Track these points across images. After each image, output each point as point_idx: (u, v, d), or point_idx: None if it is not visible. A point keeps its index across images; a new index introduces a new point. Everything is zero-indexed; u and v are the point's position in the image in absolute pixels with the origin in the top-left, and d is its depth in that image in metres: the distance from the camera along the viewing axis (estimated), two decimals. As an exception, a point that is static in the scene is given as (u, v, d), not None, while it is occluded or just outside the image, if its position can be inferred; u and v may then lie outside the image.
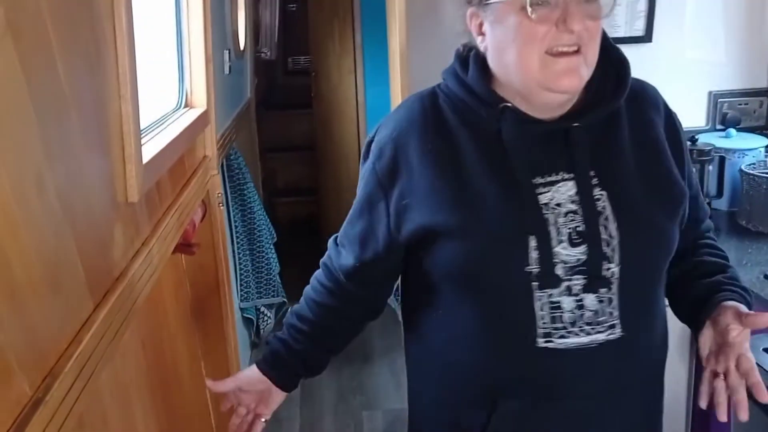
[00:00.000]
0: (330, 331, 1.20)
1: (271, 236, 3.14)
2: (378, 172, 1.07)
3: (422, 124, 1.06)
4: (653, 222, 1.03)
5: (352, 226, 1.13)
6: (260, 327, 3.04)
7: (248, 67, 3.64)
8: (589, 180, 1.01)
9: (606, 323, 1.01)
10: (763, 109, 2.27)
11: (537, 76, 0.96)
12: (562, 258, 0.99)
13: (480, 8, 1.00)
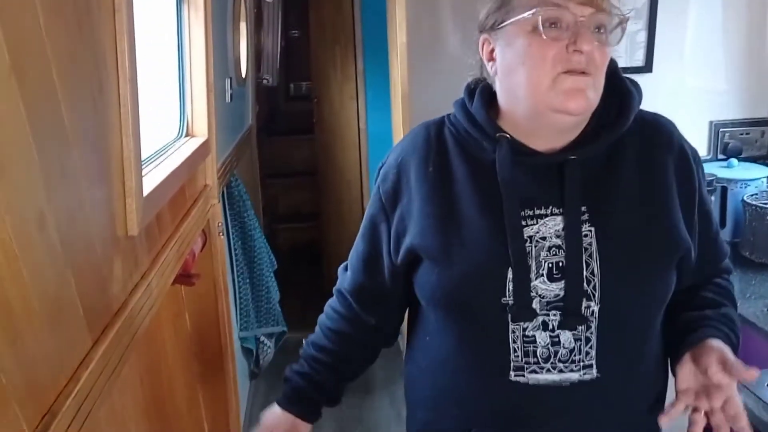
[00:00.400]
0: (347, 359, 1.20)
1: (272, 264, 3.12)
2: (382, 195, 1.11)
3: (424, 150, 1.08)
4: (640, 265, 1.00)
5: (356, 249, 1.17)
6: (260, 357, 3.00)
7: (250, 94, 3.66)
8: (578, 215, 1.00)
9: (581, 362, 0.99)
10: (764, 138, 2.27)
11: (545, 96, 0.95)
12: (540, 292, 0.98)
13: (492, 33, 1.02)
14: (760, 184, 2.02)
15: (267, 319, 2.99)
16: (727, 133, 2.25)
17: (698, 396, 0.96)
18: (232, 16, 2.82)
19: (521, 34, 0.97)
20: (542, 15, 0.94)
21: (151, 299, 1.17)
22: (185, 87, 1.71)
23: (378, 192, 1.12)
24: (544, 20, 0.94)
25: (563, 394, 1.00)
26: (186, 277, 1.54)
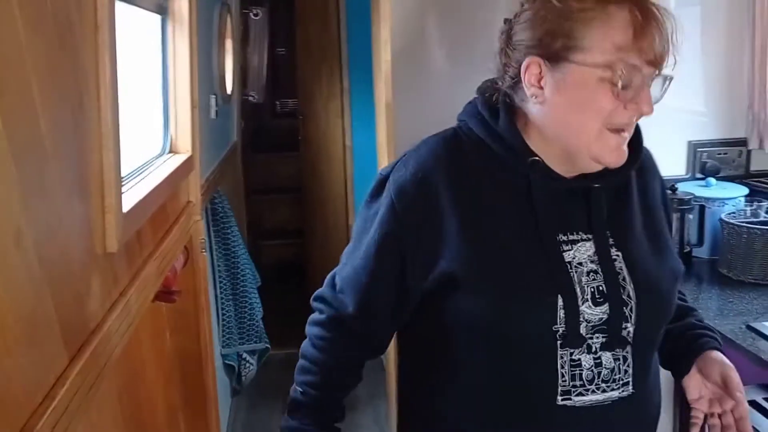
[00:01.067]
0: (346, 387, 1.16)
1: (255, 280, 3.11)
2: (400, 212, 1.04)
3: (449, 167, 1.04)
4: (661, 286, 1.06)
5: (356, 269, 1.08)
6: (242, 374, 2.98)
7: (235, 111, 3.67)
8: (606, 240, 1.03)
9: (621, 381, 1.02)
10: (742, 158, 2.31)
11: (591, 146, 0.98)
12: (586, 317, 1.00)
13: (549, 62, 0.97)
14: (737, 203, 2.05)
15: (250, 336, 2.98)
16: (705, 153, 2.28)
17: (711, 403, 1.08)
18: (218, 33, 2.84)
19: (589, 80, 0.95)
20: (623, 76, 0.93)
21: (130, 316, 1.16)
22: (169, 103, 1.71)
23: (393, 208, 1.04)
24: (622, 80, 0.93)
25: (605, 412, 1.02)
26: (167, 294, 1.52)
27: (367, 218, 1.08)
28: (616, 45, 0.94)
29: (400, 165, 1.07)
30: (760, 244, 1.86)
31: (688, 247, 2.06)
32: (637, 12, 0.94)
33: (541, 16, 0.98)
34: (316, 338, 1.13)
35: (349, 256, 1.11)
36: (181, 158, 1.68)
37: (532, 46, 0.99)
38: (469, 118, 1.07)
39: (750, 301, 1.75)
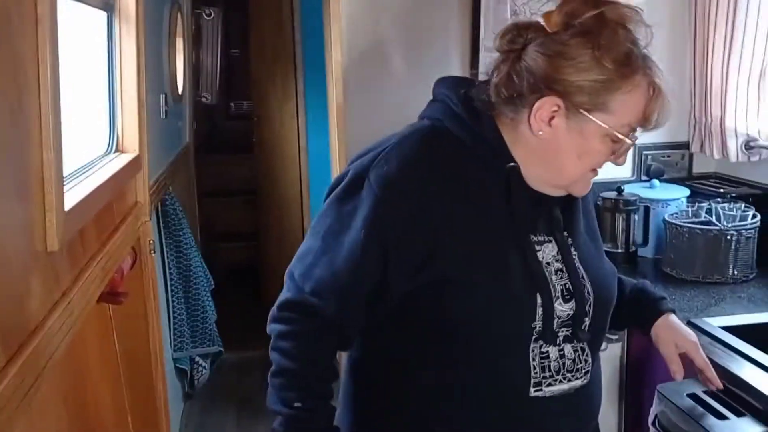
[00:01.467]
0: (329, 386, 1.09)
1: (208, 283, 3.07)
2: (385, 209, 1.01)
3: (433, 164, 1.04)
4: (609, 282, 1.15)
5: (336, 272, 1.03)
6: (194, 378, 2.94)
7: (187, 112, 3.62)
8: (567, 241, 1.09)
9: (582, 370, 1.09)
10: (684, 161, 2.38)
11: (568, 182, 1.06)
12: (558, 313, 1.05)
13: (570, 107, 1.00)
14: (679, 204, 2.11)
15: (202, 339, 2.94)
16: (650, 156, 2.35)
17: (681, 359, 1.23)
18: (168, 32, 2.80)
19: (598, 135, 1.01)
20: (628, 137, 1.02)
21: (72, 317, 1.13)
22: (115, 102, 1.68)
23: (378, 204, 1.01)
24: (618, 141, 1.01)
25: (569, 400, 1.08)
26: (113, 296, 1.50)
27: (342, 216, 1.04)
28: (635, 116, 1.02)
29: (381, 160, 1.04)
30: (700, 243, 1.92)
31: (633, 246, 2.11)
32: (653, 87, 1.02)
33: (575, 61, 0.99)
34: (294, 350, 1.05)
35: (319, 257, 1.05)
36: (127, 157, 1.65)
37: (555, 88, 1.00)
38: (446, 118, 1.07)
39: (691, 298, 1.80)
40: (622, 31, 1.00)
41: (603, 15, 0.98)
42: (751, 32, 2.04)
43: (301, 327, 1.05)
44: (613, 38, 0.98)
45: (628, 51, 0.99)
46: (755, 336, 1.51)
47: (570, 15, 0.99)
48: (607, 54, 0.98)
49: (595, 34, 0.98)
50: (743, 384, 1.33)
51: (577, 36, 0.99)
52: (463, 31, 2.21)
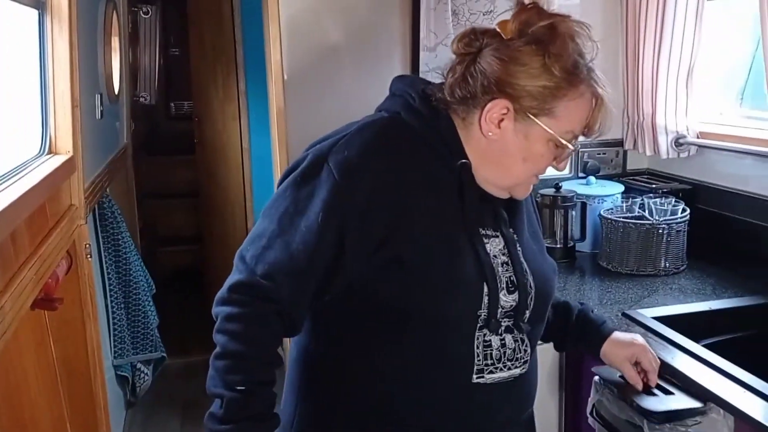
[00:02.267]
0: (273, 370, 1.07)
1: (149, 287, 3.01)
2: (345, 193, 1.03)
3: (393, 152, 1.07)
4: (550, 278, 1.20)
5: (292, 255, 1.03)
6: (136, 385, 2.88)
7: (124, 112, 3.53)
8: (512, 236, 1.14)
9: (521, 359, 1.13)
10: (619, 158, 2.46)
11: (514, 186, 1.11)
12: (502, 304, 1.09)
13: (517, 113, 1.05)
14: (615, 200, 2.18)
15: (144, 345, 2.88)
16: (586, 153, 2.42)
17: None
18: (104, 30, 2.73)
19: (544, 140, 1.06)
20: (571, 144, 1.07)
21: (4, 324, 1.10)
22: (48, 102, 1.63)
23: (338, 189, 1.02)
24: (561, 147, 1.07)
25: (508, 388, 1.12)
26: (48, 302, 1.45)
27: (299, 200, 1.05)
28: (579, 123, 1.07)
29: (341, 146, 1.06)
30: (634, 237, 1.99)
31: (571, 241, 2.17)
32: (597, 98, 1.07)
33: (526, 67, 1.04)
34: (242, 332, 1.03)
35: (274, 240, 1.04)
36: (60, 159, 1.60)
37: (506, 91, 1.05)
38: (405, 111, 1.11)
39: (626, 290, 1.86)
40: (571, 42, 1.05)
41: (555, 26, 1.04)
42: (679, 33, 2.13)
43: (251, 310, 1.04)
44: (562, 48, 1.04)
45: (575, 61, 1.05)
46: (685, 325, 1.57)
47: (524, 23, 1.05)
48: (556, 62, 1.03)
49: (546, 43, 1.03)
50: (674, 371, 1.38)
51: (530, 43, 1.04)
52: (403, 31, 2.23)
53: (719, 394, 1.28)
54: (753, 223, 2.00)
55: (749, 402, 1.24)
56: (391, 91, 1.17)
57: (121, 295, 2.73)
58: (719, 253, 2.05)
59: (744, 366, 1.35)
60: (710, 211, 2.14)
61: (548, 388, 1.81)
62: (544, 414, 1.81)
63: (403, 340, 1.07)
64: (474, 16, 2.25)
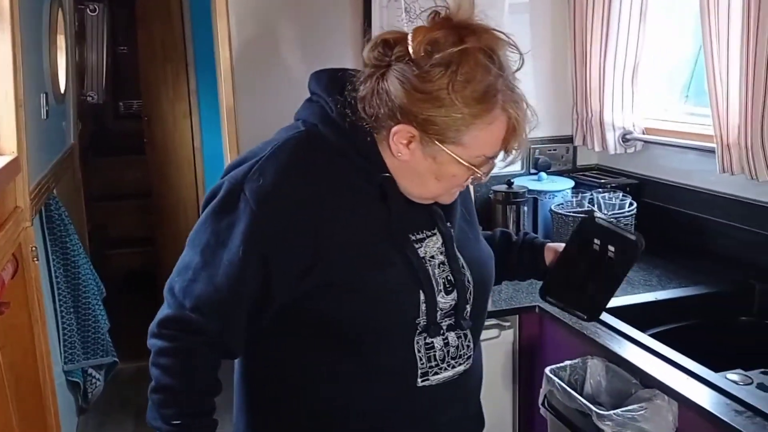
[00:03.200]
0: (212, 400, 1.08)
1: (100, 291, 2.94)
2: (263, 225, 1.00)
3: (309, 173, 1.03)
4: (488, 268, 1.18)
5: (217, 288, 1.01)
6: (88, 390, 2.81)
7: (71, 111, 3.44)
8: (450, 233, 1.11)
9: (465, 356, 1.12)
10: (569, 154, 2.52)
11: (431, 198, 1.08)
12: (440, 306, 1.07)
13: (424, 137, 0.99)
14: (565, 195, 2.23)
15: (95, 350, 2.81)
16: (537, 150, 2.47)
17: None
18: (49, 28, 2.65)
19: (453, 162, 1.01)
20: (485, 169, 1.03)
21: (-54, 330, 1.06)
22: (-10, 101, 1.59)
23: (255, 220, 1.00)
24: (483, 172, 1.03)
25: (454, 385, 1.11)
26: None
27: (219, 231, 1.02)
28: (490, 149, 1.02)
29: (255, 173, 1.02)
30: (584, 231, 2.03)
31: (523, 236, 2.21)
32: (511, 123, 1.00)
33: (429, 96, 0.97)
34: (174, 367, 1.04)
35: (199, 272, 1.03)
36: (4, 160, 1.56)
37: (410, 118, 0.99)
38: (322, 123, 1.06)
39: (576, 283, 1.90)
40: (484, 61, 0.97)
41: (465, 51, 0.96)
42: (624, 33, 2.19)
43: (181, 344, 1.04)
44: (472, 72, 0.96)
45: (487, 87, 0.97)
46: (632, 315, 1.62)
47: (432, 45, 0.97)
48: (462, 91, 0.96)
49: (454, 69, 0.96)
50: (621, 360, 1.42)
51: (437, 66, 0.96)
52: (355, 29, 2.24)
53: (664, 381, 1.32)
54: (696, 216, 2.07)
55: (692, 388, 1.29)
56: (310, 90, 1.11)
57: (70, 299, 2.67)
58: (665, 246, 2.11)
59: (688, 354, 1.40)
60: (656, 205, 2.21)
61: (503, 382, 1.84)
62: (498, 407, 1.84)
63: (342, 353, 1.06)
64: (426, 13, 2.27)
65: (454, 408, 1.14)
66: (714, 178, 1.95)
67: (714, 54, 1.77)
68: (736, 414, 1.19)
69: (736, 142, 1.75)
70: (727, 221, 1.97)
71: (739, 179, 1.83)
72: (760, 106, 1.66)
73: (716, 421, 1.20)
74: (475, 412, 1.24)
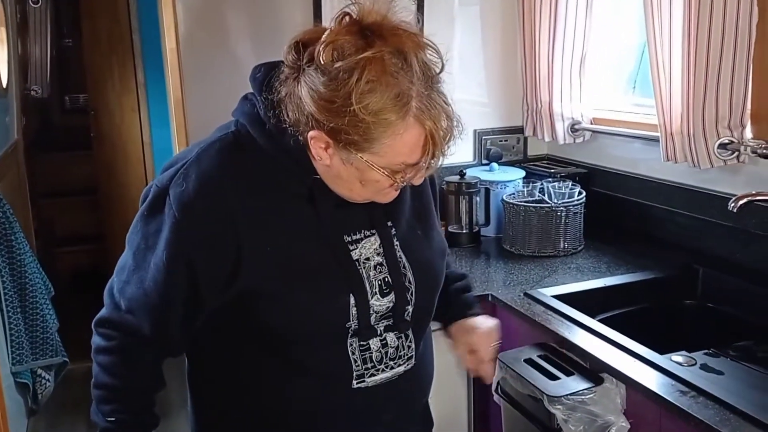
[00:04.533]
0: (151, 397, 1.10)
1: (48, 290, 2.87)
2: (187, 230, 0.99)
3: (234, 178, 1.01)
4: (434, 266, 1.15)
5: (146, 291, 1.02)
6: (38, 392, 2.75)
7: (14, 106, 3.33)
8: (390, 232, 1.09)
9: (405, 356, 1.11)
10: (520, 144, 2.56)
11: (362, 200, 1.03)
12: (375, 309, 1.06)
13: (339, 144, 0.94)
14: (516, 185, 2.26)
15: (44, 351, 2.75)
16: (489, 141, 2.50)
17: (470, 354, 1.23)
18: (-13, 20, 2.57)
19: (373, 170, 0.96)
20: (404, 177, 0.97)
21: None
22: (-76, 95, 1.52)
23: (179, 226, 0.98)
24: (403, 180, 0.98)
25: (393, 386, 1.10)
26: (-68, 308, 1.36)
27: (148, 235, 1.02)
28: (410, 154, 0.95)
29: (180, 178, 1.00)
30: (534, 220, 2.07)
31: (476, 226, 2.23)
32: (431, 129, 0.93)
33: (333, 105, 0.91)
34: (111, 366, 1.06)
35: (131, 274, 1.04)
36: (-58, 156, 1.50)
37: (321, 126, 0.94)
38: (251, 124, 1.03)
39: (528, 272, 1.94)
40: (393, 68, 0.91)
41: (371, 57, 0.90)
42: (571, 25, 2.23)
43: (118, 343, 1.06)
44: (378, 80, 0.90)
45: (396, 95, 0.91)
46: (582, 302, 1.66)
47: (338, 51, 0.92)
48: (366, 101, 0.90)
49: (358, 76, 0.90)
50: (572, 345, 1.46)
51: (342, 73, 0.90)
52: (305, 21, 2.21)
53: (612, 364, 1.36)
54: (642, 204, 2.13)
55: (639, 370, 1.33)
56: (251, 82, 1.06)
57: (16, 298, 2.60)
58: (613, 233, 2.17)
59: (635, 337, 1.44)
60: (604, 193, 2.26)
61: (458, 370, 1.85)
62: (454, 395, 1.86)
63: (276, 357, 1.05)
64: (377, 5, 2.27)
65: (395, 408, 1.12)
66: (659, 166, 2.01)
67: (657, 46, 1.82)
68: (680, 394, 1.23)
69: (678, 131, 1.80)
70: (671, 208, 2.03)
71: (682, 167, 1.88)
72: (701, 96, 1.71)
73: (662, 402, 1.24)
74: (421, 412, 1.22)
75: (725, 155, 1.75)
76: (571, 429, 1.32)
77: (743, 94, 1.70)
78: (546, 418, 1.40)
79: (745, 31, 1.64)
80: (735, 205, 1.55)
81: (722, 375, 1.39)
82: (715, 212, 1.87)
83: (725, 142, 1.74)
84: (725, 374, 1.39)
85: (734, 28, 1.65)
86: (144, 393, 1.09)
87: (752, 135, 1.73)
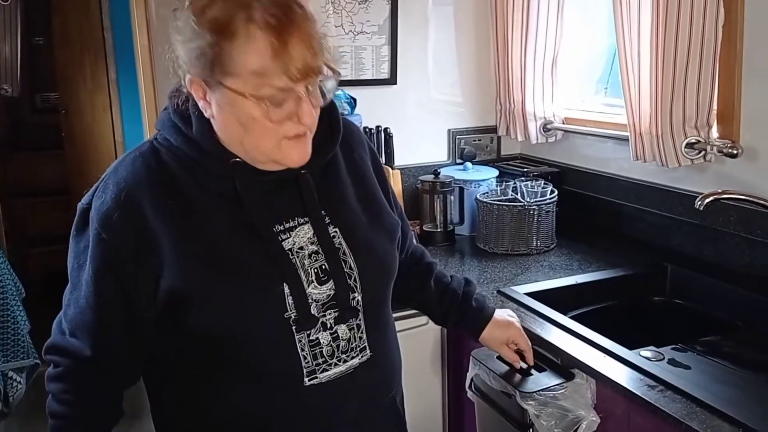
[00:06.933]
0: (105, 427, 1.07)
1: (18, 291, 2.83)
2: (108, 242, 0.99)
3: (152, 184, 1.00)
4: (380, 249, 1.13)
5: (81, 311, 1.02)
6: (9, 394, 2.71)
7: (-17, 105, 3.28)
8: (323, 220, 1.07)
9: (358, 348, 1.09)
10: (493, 144, 2.58)
11: (268, 154, 1.00)
12: (315, 297, 1.04)
13: (207, 84, 0.95)
14: (489, 184, 2.28)
15: (15, 353, 2.72)
16: (463, 140, 2.52)
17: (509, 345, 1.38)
18: (-46, 17, 2.52)
19: (244, 104, 0.94)
20: (271, 100, 0.94)
21: None
22: None
23: (100, 239, 0.98)
24: (270, 104, 0.94)
25: (350, 380, 1.07)
26: None
27: (78, 254, 1.02)
28: (255, 71, 0.92)
29: (100, 192, 1.01)
30: (508, 219, 2.09)
31: (451, 225, 2.25)
32: (273, 31, 0.92)
33: (184, 41, 0.94)
34: (61, 393, 1.04)
35: (70, 296, 1.04)
36: None
37: (188, 65, 0.96)
38: (164, 127, 1.03)
39: (501, 269, 1.96)
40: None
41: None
42: (543, 26, 2.25)
43: (64, 369, 1.04)
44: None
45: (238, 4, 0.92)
46: (554, 299, 1.68)
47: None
48: (203, 15, 0.93)
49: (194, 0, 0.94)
50: (543, 341, 1.48)
51: (183, 3, 0.95)
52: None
53: (583, 360, 1.38)
54: (613, 202, 2.17)
55: (609, 366, 1.35)
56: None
57: (-14, 300, 2.56)
58: (584, 231, 2.20)
59: (605, 333, 1.46)
60: (576, 192, 2.29)
61: (432, 368, 1.87)
62: (428, 392, 1.88)
63: (224, 361, 1.03)
64: (350, 5, 2.28)
65: (356, 404, 1.10)
66: (629, 165, 2.05)
67: (626, 47, 1.85)
68: (648, 388, 1.26)
69: (647, 131, 1.84)
70: (641, 206, 2.07)
71: (651, 166, 1.92)
72: (669, 97, 1.75)
73: (631, 396, 1.26)
74: (389, 406, 1.19)
75: (692, 154, 1.79)
76: (542, 424, 1.34)
77: (709, 94, 1.74)
78: (518, 413, 1.41)
79: (711, 33, 1.68)
80: (702, 203, 1.59)
81: (689, 369, 1.42)
82: (683, 210, 1.91)
83: (692, 141, 1.77)
84: (692, 368, 1.42)
85: (701, 31, 1.69)
86: (98, 423, 1.06)
87: (718, 135, 1.77)
